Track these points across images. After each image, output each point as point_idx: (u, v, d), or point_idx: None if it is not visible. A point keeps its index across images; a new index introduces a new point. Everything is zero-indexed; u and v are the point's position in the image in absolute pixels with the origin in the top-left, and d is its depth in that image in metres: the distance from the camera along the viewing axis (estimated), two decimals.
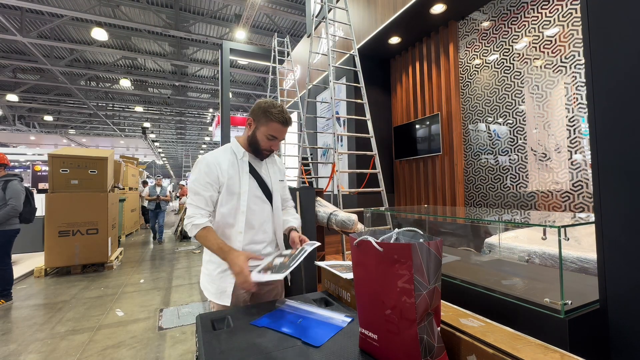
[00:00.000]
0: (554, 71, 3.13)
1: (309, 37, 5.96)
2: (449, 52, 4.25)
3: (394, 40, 4.73)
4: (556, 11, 3.09)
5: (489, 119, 3.83)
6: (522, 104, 3.45)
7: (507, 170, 3.62)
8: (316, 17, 5.05)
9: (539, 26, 3.25)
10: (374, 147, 3.73)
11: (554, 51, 3.12)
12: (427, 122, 4.56)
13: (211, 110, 16.01)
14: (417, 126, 4.75)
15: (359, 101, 3.98)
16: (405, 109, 5.13)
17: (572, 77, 2.98)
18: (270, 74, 7.16)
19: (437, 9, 3.91)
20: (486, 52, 3.84)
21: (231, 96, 13.16)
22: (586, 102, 1.90)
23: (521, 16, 3.43)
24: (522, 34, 3.43)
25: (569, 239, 1.12)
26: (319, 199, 2.64)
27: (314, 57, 6.37)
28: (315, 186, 4.85)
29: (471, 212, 2.14)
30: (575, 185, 2.99)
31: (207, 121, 18.91)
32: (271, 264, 1.21)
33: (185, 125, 20.25)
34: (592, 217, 1.11)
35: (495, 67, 3.73)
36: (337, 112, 5.58)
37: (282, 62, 7.33)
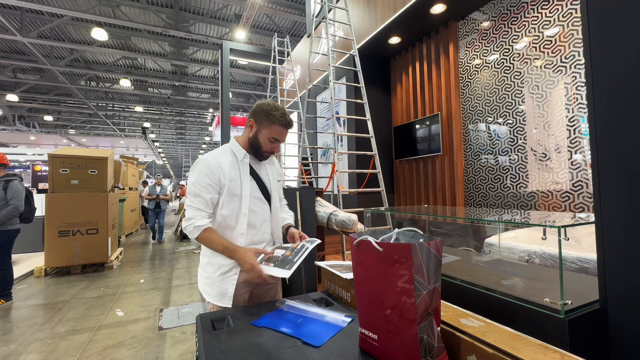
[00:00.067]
0: (554, 71, 3.13)
1: (309, 37, 5.96)
2: (449, 52, 4.25)
3: (394, 40, 4.73)
4: (556, 11, 3.09)
5: (489, 119, 3.83)
6: (522, 104, 3.45)
7: (507, 170, 3.62)
8: (316, 17, 5.05)
9: (539, 26, 3.25)
10: (374, 147, 3.73)
11: (554, 51, 3.12)
12: (427, 122, 4.56)
13: (211, 110, 16.01)
14: (417, 126, 4.75)
15: (359, 101, 3.98)
16: (405, 109, 5.13)
17: (572, 77, 2.98)
18: (270, 74, 7.16)
19: (437, 9, 3.91)
20: (486, 52, 3.84)
21: (231, 96, 13.17)
22: (586, 102, 1.90)
23: (521, 16, 3.43)
24: (522, 34, 3.43)
25: (569, 239, 1.12)
26: (319, 199, 2.64)
27: (314, 57, 6.37)
28: (315, 186, 4.85)
29: (471, 212, 2.14)
30: (575, 185, 2.99)
31: (207, 121, 18.92)
32: (272, 254, 1.27)
33: (185, 125, 20.25)
34: (592, 217, 1.11)
35: (495, 67, 3.73)
36: (337, 112, 5.58)
37: (282, 62, 7.33)
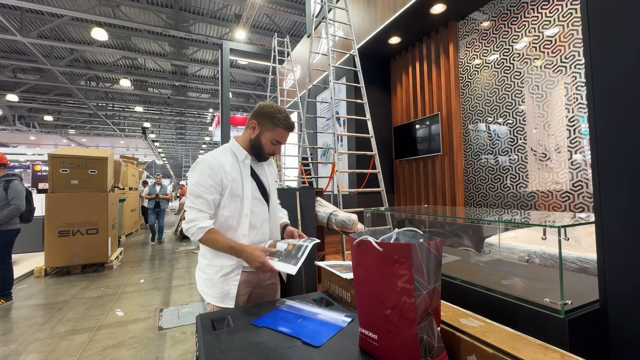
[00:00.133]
0: (554, 71, 3.13)
1: (309, 37, 5.96)
2: (449, 52, 4.25)
3: (394, 40, 4.73)
4: (556, 11, 3.09)
5: (489, 119, 3.83)
6: (522, 104, 3.45)
7: (507, 170, 3.62)
8: (316, 17, 5.05)
9: (539, 26, 3.25)
10: (374, 147, 3.73)
11: (554, 51, 3.12)
12: (427, 122, 4.56)
13: (211, 110, 16.01)
14: (417, 126, 4.75)
15: (359, 101, 3.98)
16: (405, 109, 5.13)
17: (572, 77, 2.98)
18: (270, 74, 7.16)
19: (437, 9, 3.91)
20: (486, 52, 3.83)
21: (231, 96, 13.17)
22: (586, 102, 1.90)
23: (521, 16, 3.43)
24: (522, 34, 3.43)
25: (569, 239, 1.12)
26: (319, 199, 2.64)
27: (314, 57, 6.37)
28: (315, 186, 4.85)
29: (471, 212, 2.14)
30: (575, 185, 2.99)
31: (207, 121, 18.92)
32: (274, 246, 1.33)
33: (185, 125, 20.25)
34: (592, 217, 1.11)
35: (495, 67, 3.73)
36: (337, 112, 5.58)
37: (282, 62, 7.33)
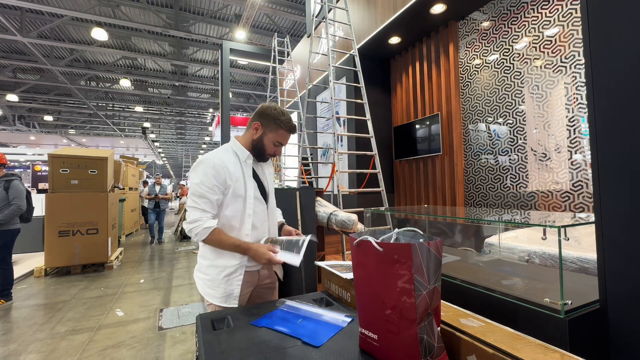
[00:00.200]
0: (554, 71, 3.13)
1: (309, 37, 5.96)
2: (449, 52, 4.25)
3: (394, 40, 4.73)
4: (556, 11, 3.09)
5: (489, 119, 3.83)
6: (522, 104, 3.44)
7: (507, 170, 3.62)
8: (316, 17, 5.05)
9: (539, 26, 3.25)
10: (374, 147, 3.73)
11: (554, 51, 3.12)
12: (427, 122, 4.55)
13: (211, 110, 16.01)
14: (417, 126, 4.75)
15: (359, 101, 3.98)
16: (405, 109, 5.13)
17: (572, 77, 2.98)
18: (270, 74, 7.16)
19: (437, 9, 3.91)
20: (486, 52, 3.83)
21: (231, 96, 13.17)
22: (586, 102, 1.90)
23: (521, 16, 3.43)
24: (522, 34, 3.43)
25: (569, 239, 1.12)
26: (319, 199, 2.64)
27: (314, 57, 6.37)
28: (315, 186, 4.85)
29: (471, 212, 2.14)
30: (575, 185, 2.99)
31: (207, 121, 18.92)
32: (269, 242, 1.37)
33: (185, 125, 20.25)
34: (592, 217, 1.11)
35: (495, 67, 3.73)
36: (337, 112, 5.58)
37: (282, 62, 7.33)
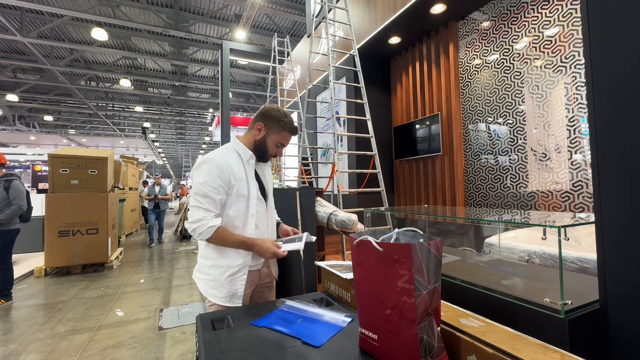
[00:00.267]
0: (554, 71, 3.13)
1: (309, 37, 5.96)
2: (449, 52, 4.25)
3: (394, 40, 4.73)
4: (556, 11, 3.09)
5: (489, 119, 3.83)
6: (522, 104, 3.44)
7: (507, 170, 3.62)
8: (316, 17, 5.05)
9: (539, 26, 3.25)
10: (374, 147, 3.72)
11: (554, 51, 3.12)
12: (427, 122, 4.55)
13: (211, 110, 16.01)
14: (417, 126, 4.75)
15: (359, 101, 3.98)
16: (405, 109, 5.13)
17: (572, 77, 2.98)
18: (270, 74, 7.16)
19: (437, 9, 3.91)
20: (486, 52, 3.83)
21: (231, 96, 13.16)
22: (586, 102, 1.90)
23: (521, 16, 3.42)
24: (522, 34, 3.43)
25: (569, 239, 1.12)
26: (319, 199, 2.64)
27: (314, 57, 6.37)
28: (315, 186, 4.85)
29: (471, 212, 2.14)
30: (575, 185, 2.99)
31: (207, 121, 18.92)
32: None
33: (185, 125, 20.25)
34: (592, 217, 1.11)
35: (495, 67, 3.73)
36: (337, 112, 5.58)
37: (282, 62, 7.33)
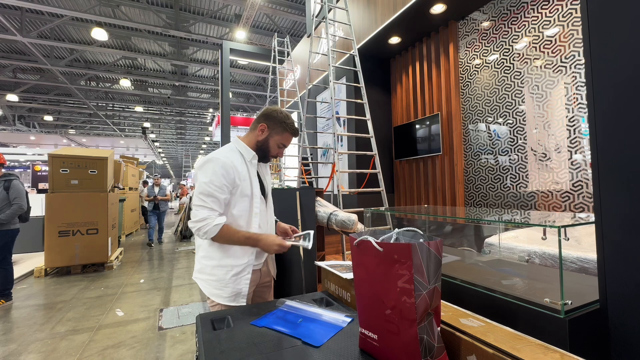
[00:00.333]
0: (554, 71, 3.13)
1: (309, 37, 5.96)
2: (449, 52, 4.25)
3: (394, 40, 4.73)
4: (556, 11, 3.09)
5: (489, 119, 3.83)
6: (522, 104, 3.44)
7: (507, 170, 3.62)
8: (316, 17, 5.05)
9: (539, 26, 3.25)
10: (374, 147, 3.72)
11: (554, 51, 3.12)
12: (427, 122, 4.55)
13: (211, 110, 16.01)
14: (417, 126, 4.75)
15: (359, 101, 3.98)
16: (405, 109, 5.13)
17: (572, 77, 2.98)
18: (270, 74, 7.16)
19: (437, 9, 3.91)
20: (486, 52, 3.83)
21: (231, 96, 13.16)
22: (586, 102, 1.90)
23: (521, 16, 3.42)
24: (522, 34, 3.43)
25: (569, 239, 1.12)
26: (319, 199, 2.64)
27: (314, 57, 6.37)
28: (315, 186, 4.85)
29: (471, 212, 2.14)
30: (575, 185, 2.99)
31: (207, 121, 18.92)
32: None
33: (185, 125, 20.25)
34: (592, 217, 1.11)
35: (495, 67, 3.73)
36: (337, 112, 5.58)
37: (282, 62, 7.33)
